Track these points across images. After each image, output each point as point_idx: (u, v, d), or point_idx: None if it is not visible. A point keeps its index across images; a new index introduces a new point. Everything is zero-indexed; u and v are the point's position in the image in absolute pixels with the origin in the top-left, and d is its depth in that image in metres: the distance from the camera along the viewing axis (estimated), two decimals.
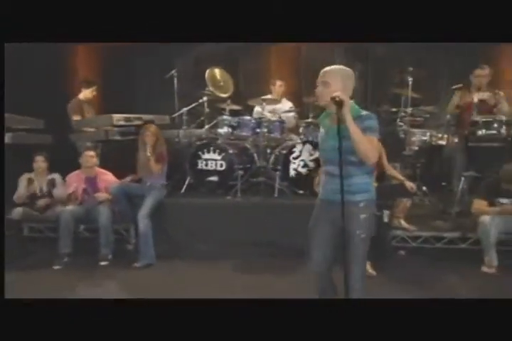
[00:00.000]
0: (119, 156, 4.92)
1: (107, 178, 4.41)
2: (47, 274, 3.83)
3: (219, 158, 4.62)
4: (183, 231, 4.33)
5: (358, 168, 2.27)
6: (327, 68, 2.32)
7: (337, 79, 2.26)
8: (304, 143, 4.52)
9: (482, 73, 4.40)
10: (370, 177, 2.42)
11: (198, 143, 4.87)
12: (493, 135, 4.20)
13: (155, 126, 4.44)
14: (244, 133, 4.81)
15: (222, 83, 5.51)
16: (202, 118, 5.14)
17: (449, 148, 4.54)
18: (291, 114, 5.21)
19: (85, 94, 5.18)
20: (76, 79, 5.86)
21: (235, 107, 5.01)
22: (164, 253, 4.13)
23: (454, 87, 4.41)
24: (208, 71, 5.37)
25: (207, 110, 5.17)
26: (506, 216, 3.71)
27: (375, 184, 2.63)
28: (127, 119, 4.75)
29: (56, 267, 3.97)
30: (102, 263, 4.05)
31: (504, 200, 3.77)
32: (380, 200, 2.58)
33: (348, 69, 2.35)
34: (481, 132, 4.22)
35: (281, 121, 4.79)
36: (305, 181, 4.46)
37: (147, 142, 4.33)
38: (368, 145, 2.21)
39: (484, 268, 3.70)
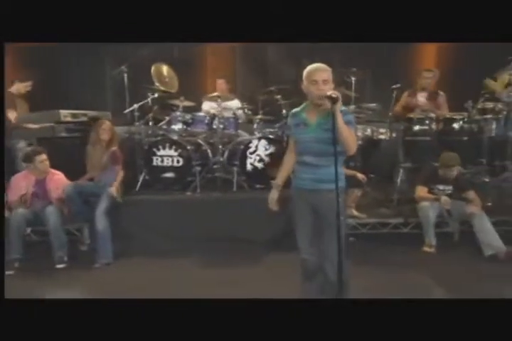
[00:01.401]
0: (63, 154, 4.67)
1: (58, 178, 4.17)
2: None
3: (175, 154, 4.60)
4: (142, 228, 4.25)
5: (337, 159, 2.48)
6: (319, 67, 2.45)
7: (331, 77, 2.45)
8: (259, 138, 4.67)
9: (428, 75, 4.91)
10: (342, 167, 2.67)
11: (153, 139, 4.79)
12: (426, 130, 4.73)
13: (109, 122, 4.31)
14: (198, 130, 4.84)
15: (167, 79, 5.46)
16: (150, 114, 5.06)
17: (389, 142, 4.98)
18: (240, 111, 5.32)
19: (18, 87, 4.77)
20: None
21: (188, 104, 5.01)
22: (124, 251, 4.05)
23: (393, 86, 4.85)
24: (153, 67, 5.28)
25: (155, 107, 5.10)
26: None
27: None
28: (74, 115, 4.58)
29: (8, 272, 3.70)
30: (59, 266, 3.87)
31: (441, 187, 4.25)
32: None
33: None
34: (415, 127, 4.74)
35: (235, 118, 4.89)
36: (262, 175, 4.62)
37: (102, 138, 4.19)
38: (352, 138, 2.46)
39: (425, 248, 4.14)
